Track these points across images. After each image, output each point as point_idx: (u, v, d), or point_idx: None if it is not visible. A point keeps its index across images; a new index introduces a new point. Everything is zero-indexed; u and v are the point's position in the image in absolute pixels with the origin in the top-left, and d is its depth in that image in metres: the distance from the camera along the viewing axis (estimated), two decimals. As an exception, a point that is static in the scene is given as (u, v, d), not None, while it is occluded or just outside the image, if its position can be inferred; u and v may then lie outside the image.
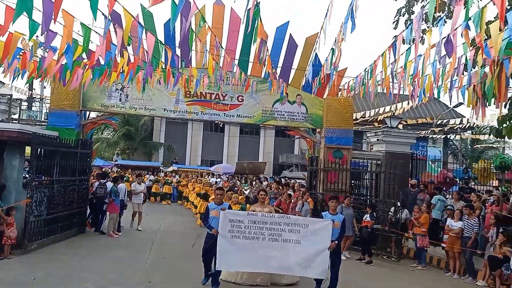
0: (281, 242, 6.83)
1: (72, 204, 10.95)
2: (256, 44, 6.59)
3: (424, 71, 7.31)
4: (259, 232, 6.83)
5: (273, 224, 6.87)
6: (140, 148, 32.42)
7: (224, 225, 6.80)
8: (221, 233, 6.79)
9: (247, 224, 6.83)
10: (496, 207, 9.87)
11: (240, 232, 6.82)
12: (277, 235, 6.84)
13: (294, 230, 6.86)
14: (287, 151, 34.83)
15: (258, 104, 12.55)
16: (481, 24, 4.89)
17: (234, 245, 6.80)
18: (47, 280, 7.17)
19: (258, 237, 6.83)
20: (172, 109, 12.27)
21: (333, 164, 12.30)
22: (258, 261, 6.84)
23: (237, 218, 6.93)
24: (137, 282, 7.47)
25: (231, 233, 6.80)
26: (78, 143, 11.32)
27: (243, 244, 6.80)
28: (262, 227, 6.84)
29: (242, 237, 6.81)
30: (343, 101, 12.50)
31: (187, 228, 13.94)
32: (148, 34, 6.07)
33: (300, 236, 6.84)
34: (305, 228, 6.87)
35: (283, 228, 6.86)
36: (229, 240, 6.79)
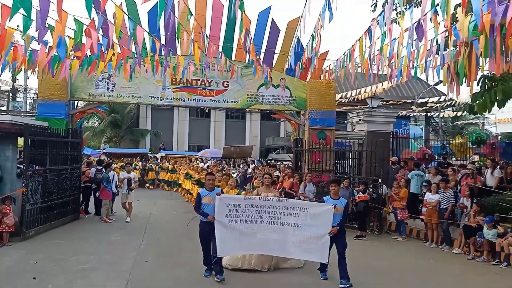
0: (279, 225, 6.69)
1: (66, 192, 11.24)
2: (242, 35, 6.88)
3: (399, 54, 7.74)
4: (257, 215, 6.69)
5: (271, 207, 6.72)
6: (127, 135, 32.55)
7: (221, 210, 6.60)
8: (218, 218, 6.59)
9: (244, 208, 6.68)
10: (471, 180, 10.50)
11: (238, 216, 6.66)
12: (275, 218, 6.70)
13: (293, 214, 6.70)
14: (273, 134, 35.29)
15: (243, 89, 12.88)
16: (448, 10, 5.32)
17: (232, 230, 6.64)
18: (46, 264, 7.52)
19: (256, 220, 6.69)
20: (159, 96, 12.54)
21: (317, 145, 12.77)
22: (258, 243, 6.74)
23: (234, 202, 6.76)
24: (134, 261, 7.87)
25: (228, 217, 6.62)
26: (68, 132, 11.56)
27: (241, 228, 6.67)
28: (260, 210, 6.70)
29: (240, 221, 6.66)
30: (326, 84, 12.91)
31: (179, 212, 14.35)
32: (137, 27, 6.33)
33: (299, 220, 6.67)
34: (305, 211, 6.69)
35: (281, 211, 6.71)
36: (227, 225, 6.62)
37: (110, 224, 11.62)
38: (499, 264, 8.41)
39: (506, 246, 8.43)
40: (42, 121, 11.20)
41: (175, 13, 6.85)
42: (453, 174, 10.94)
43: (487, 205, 9.57)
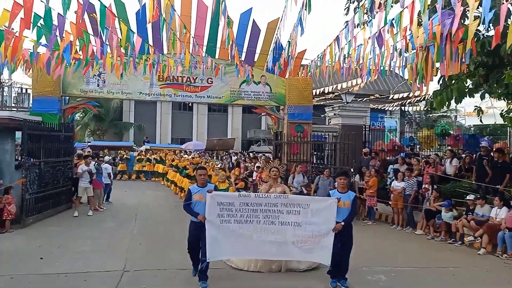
0: (278, 225, 6.04)
1: (59, 182, 11.94)
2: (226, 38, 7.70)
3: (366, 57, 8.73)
4: (253, 215, 6.04)
5: (268, 205, 6.05)
6: (111, 128, 32.98)
7: (212, 209, 5.95)
8: (209, 218, 5.93)
9: (239, 207, 6.03)
10: (432, 169, 11.65)
11: (231, 216, 6.01)
12: (273, 217, 6.05)
13: (293, 211, 6.05)
14: (254, 126, 36.20)
15: (226, 85, 13.72)
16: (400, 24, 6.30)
17: (225, 231, 6.00)
18: (49, 247, 8.28)
19: (252, 220, 6.05)
20: (147, 92, 13.28)
21: (295, 137, 13.75)
22: (253, 247, 6.09)
23: (226, 200, 6.09)
24: (128, 245, 8.69)
25: (220, 217, 5.97)
26: (61, 126, 12.22)
27: (235, 229, 6.01)
28: (256, 209, 6.04)
29: (234, 221, 6.01)
30: (303, 81, 13.85)
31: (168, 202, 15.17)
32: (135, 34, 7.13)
33: (300, 218, 6.03)
34: (306, 208, 6.03)
35: (280, 209, 6.04)
36: (219, 226, 5.97)
37: (101, 212, 12.38)
38: (454, 242, 9.55)
39: (460, 227, 9.58)
40: (36, 116, 11.82)
41: (161, 13, 7.58)
42: (417, 164, 12.07)
43: (445, 191, 10.74)
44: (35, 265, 7.06)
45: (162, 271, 6.81)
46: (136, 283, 6.25)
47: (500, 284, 6.90)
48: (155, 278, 6.48)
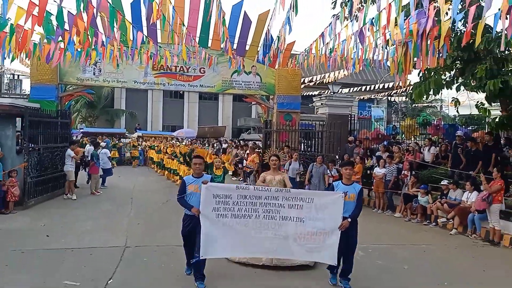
0: (279, 220, 5.53)
1: (57, 167, 12.45)
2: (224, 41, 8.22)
3: (350, 51, 9.34)
4: (252, 209, 5.53)
5: (268, 198, 5.54)
6: (102, 115, 33.30)
7: (207, 202, 5.47)
8: (204, 212, 5.46)
9: (236, 200, 5.53)
10: (412, 156, 12.41)
11: (228, 209, 5.51)
12: (274, 211, 5.53)
13: (296, 206, 5.52)
14: (245, 114, 36.76)
15: (218, 75, 14.26)
16: (379, 23, 6.93)
17: (221, 226, 5.50)
18: (53, 227, 8.86)
19: (251, 214, 5.52)
20: (142, 81, 13.78)
21: (284, 126, 14.40)
22: (251, 243, 5.57)
23: (223, 192, 5.57)
24: (127, 225, 9.31)
25: (216, 211, 5.49)
26: (58, 113, 12.69)
27: (232, 225, 5.51)
28: (255, 202, 5.53)
29: (231, 215, 5.51)
30: (292, 71, 14.46)
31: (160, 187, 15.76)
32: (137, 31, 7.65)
33: (303, 213, 5.50)
34: (309, 202, 5.49)
35: (281, 203, 5.52)
36: (214, 220, 5.49)
37: (98, 196, 12.96)
38: (429, 224, 10.36)
39: (435, 209, 10.38)
40: (35, 103, 12.27)
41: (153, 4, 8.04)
42: (398, 152, 12.82)
43: (423, 177, 11.53)
44: (43, 241, 7.64)
45: (160, 247, 7.45)
46: (137, 256, 6.89)
47: (464, 259, 7.69)
48: (154, 253, 7.12)
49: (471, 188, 9.67)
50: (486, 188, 8.82)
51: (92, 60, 10.16)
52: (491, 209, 8.77)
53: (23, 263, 6.37)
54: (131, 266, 6.39)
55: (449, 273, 6.67)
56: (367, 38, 7.88)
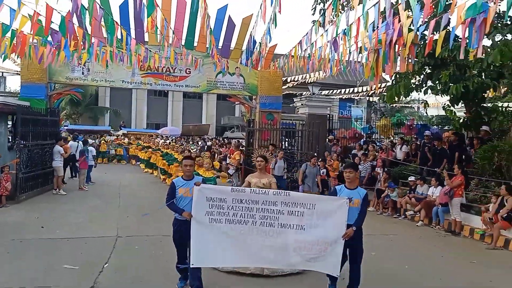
0: (277, 227, 5.10)
1: (47, 163, 12.88)
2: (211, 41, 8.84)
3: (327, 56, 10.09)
4: (248, 214, 5.11)
5: (266, 203, 5.11)
6: (86, 113, 33.45)
7: (200, 205, 5.07)
8: (196, 216, 5.05)
9: (231, 204, 5.10)
10: (385, 154, 13.27)
11: (222, 214, 5.10)
12: (272, 218, 5.11)
13: (296, 212, 5.11)
14: (228, 113, 37.34)
15: (203, 75, 14.86)
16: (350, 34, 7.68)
17: (214, 232, 5.09)
18: (46, 219, 9.35)
19: (247, 220, 5.10)
20: (129, 80, 14.28)
21: (266, 125, 15.10)
22: (247, 253, 5.15)
23: (217, 195, 5.14)
24: (117, 217, 9.87)
25: (209, 215, 5.09)
26: (47, 111, 13.11)
27: (227, 231, 5.10)
28: (251, 207, 5.11)
29: (225, 221, 5.10)
30: (274, 73, 15.13)
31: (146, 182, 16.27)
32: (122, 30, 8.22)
33: (303, 220, 5.09)
34: (311, 209, 5.07)
35: (280, 209, 5.11)
36: (207, 225, 5.09)
37: (86, 191, 13.44)
38: (399, 216, 11.21)
39: (404, 203, 11.23)
40: (25, 101, 12.67)
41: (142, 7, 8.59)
42: (373, 150, 13.67)
43: (394, 174, 12.38)
44: (38, 232, 8.17)
45: (150, 237, 8.06)
46: (129, 245, 7.50)
47: (426, 247, 8.51)
48: (145, 242, 7.74)
49: (436, 184, 10.53)
50: (448, 183, 9.69)
51: (83, 61, 10.69)
52: (452, 203, 9.64)
53: (23, 251, 6.91)
54: (124, 253, 7.00)
55: (411, 258, 7.48)
56: (340, 46, 8.63)
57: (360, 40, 8.56)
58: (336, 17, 8.14)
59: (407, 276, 6.55)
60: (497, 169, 9.91)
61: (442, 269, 7.01)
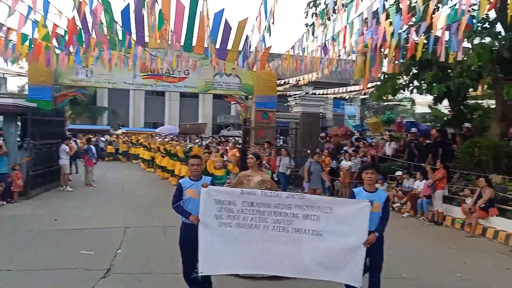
0: (292, 232, 4.73)
1: (54, 161, 13.54)
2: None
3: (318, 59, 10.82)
4: (260, 218, 4.78)
5: (279, 206, 4.76)
6: (85, 112, 34.01)
7: (208, 208, 4.77)
8: (204, 220, 4.74)
9: (241, 207, 4.79)
10: (374, 150, 14.01)
11: (232, 218, 4.79)
12: (286, 222, 4.75)
13: (312, 216, 4.71)
14: (224, 112, 38.03)
15: (201, 76, 15.51)
16: (339, 40, 8.40)
17: (224, 237, 4.77)
18: (57, 213, 10.03)
19: (258, 225, 4.77)
20: (131, 82, 14.93)
21: (261, 123, 15.82)
22: (260, 259, 4.79)
23: (226, 198, 4.84)
24: (123, 211, 10.55)
25: (218, 219, 4.78)
26: (53, 112, 13.75)
27: (237, 236, 4.77)
28: (263, 211, 4.77)
29: (235, 225, 4.78)
30: (268, 74, 15.84)
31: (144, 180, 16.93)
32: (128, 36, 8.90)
33: (320, 225, 4.70)
34: (329, 213, 4.67)
35: (294, 212, 4.73)
36: (216, 229, 4.77)
37: (91, 188, 14.11)
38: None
39: (391, 196, 11.97)
40: (32, 103, 13.29)
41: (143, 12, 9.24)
42: (363, 146, 14.41)
43: (383, 169, 13.11)
44: (52, 224, 8.85)
45: (156, 227, 8.71)
46: (138, 234, 8.19)
47: (409, 235, 9.26)
48: (152, 231, 8.42)
49: (421, 177, 11.29)
50: (431, 177, 10.45)
51: (89, 64, 11.35)
52: (435, 195, 10.41)
53: (41, 240, 7.59)
54: (134, 241, 7.71)
55: (394, 245, 8.13)
56: (330, 50, 9.37)
57: (348, 45, 9.30)
58: (324, 27, 8.87)
59: (387, 259, 7.27)
60: (477, 163, 10.64)
61: (421, 253, 7.77)
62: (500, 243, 8.68)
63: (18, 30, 6.57)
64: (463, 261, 7.31)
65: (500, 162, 10.40)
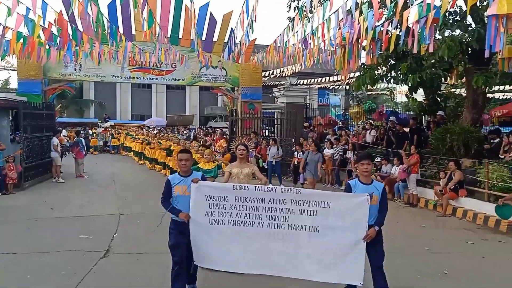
0: (288, 229, 4.51)
1: (45, 154, 13.90)
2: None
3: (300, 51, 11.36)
4: (254, 214, 4.56)
5: (274, 202, 4.52)
6: (72, 105, 34.08)
7: (199, 205, 4.59)
8: (195, 217, 4.57)
9: (234, 203, 4.58)
10: (355, 138, 14.69)
11: (224, 214, 4.59)
12: (281, 218, 4.52)
13: (308, 211, 4.48)
14: (211, 103, 38.43)
15: (188, 69, 15.98)
16: (317, 34, 8.96)
17: (216, 235, 4.61)
18: (53, 203, 10.44)
19: (252, 222, 4.56)
20: (119, 75, 15.32)
21: (247, 114, 16.36)
22: (254, 257, 4.60)
23: (217, 193, 4.63)
24: (116, 199, 11.04)
25: (210, 216, 4.60)
26: (43, 106, 14.08)
27: (230, 233, 4.60)
28: (257, 206, 4.55)
29: (228, 222, 4.59)
30: (253, 66, 16.36)
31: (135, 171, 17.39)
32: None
33: (317, 220, 4.46)
34: (326, 207, 4.43)
35: (290, 208, 4.50)
36: (208, 227, 4.60)
37: (84, 179, 14.53)
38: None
39: (371, 181, 12.67)
40: (22, 97, 13.62)
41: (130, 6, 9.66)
42: (345, 135, 15.08)
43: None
44: (49, 213, 9.31)
45: (149, 214, 9.23)
46: (132, 220, 8.72)
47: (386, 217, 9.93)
48: (145, 217, 8.94)
49: (398, 163, 11.98)
50: (405, 161, 11.15)
51: (79, 59, 11.73)
52: (410, 178, 11.12)
53: (40, 227, 8.07)
54: (128, 226, 8.23)
55: (371, 224, 8.89)
56: (310, 44, 9.92)
57: (327, 39, 9.87)
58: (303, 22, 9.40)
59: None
60: (449, 148, 11.37)
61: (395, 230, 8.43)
62: (468, 221, 9.43)
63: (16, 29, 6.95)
64: (432, 237, 8.01)
65: (470, 147, 11.14)
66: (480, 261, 6.70)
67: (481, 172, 9.90)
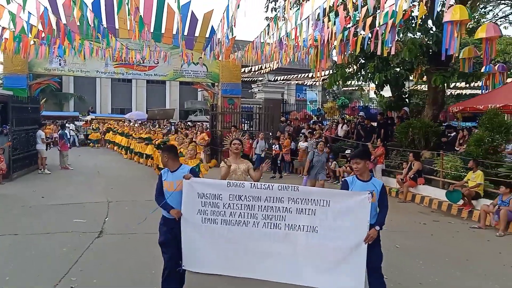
0: (284, 229, 4.26)
1: (31, 146, 14.41)
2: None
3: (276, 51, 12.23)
4: (248, 213, 4.31)
5: (270, 200, 4.27)
6: (51, 99, 34.04)
7: (191, 202, 4.37)
8: (186, 215, 4.37)
9: (228, 201, 4.33)
10: (328, 132, 15.70)
11: (218, 213, 4.35)
12: (278, 218, 4.27)
13: (306, 210, 4.21)
14: (191, 98, 38.96)
15: (170, 65, 16.63)
16: (291, 37, 9.84)
17: (208, 235, 4.38)
18: (43, 192, 11.04)
19: (247, 221, 4.32)
20: (103, 70, 15.87)
21: (227, 109, 17.16)
22: (248, 261, 4.36)
23: (211, 191, 4.38)
24: (102, 189, 11.70)
25: (202, 215, 4.37)
26: (29, 99, 14.55)
27: (223, 234, 4.36)
28: (252, 205, 4.30)
29: (221, 221, 4.35)
30: (233, 63, 17.14)
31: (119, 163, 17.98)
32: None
33: (316, 220, 4.19)
34: (325, 206, 4.16)
35: (287, 206, 4.24)
36: (200, 226, 4.38)
37: (69, 170, 15.09)
38: (338, 183, 13.69)
39: (341, 172, 13.70)
40: (8, 91, 14.05)
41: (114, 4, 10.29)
42: (318, 129, 16.07)
43: (335, 149, 14.83)
44: (40, 201, 9.94)
45: (136, 201, 9.97)
46: (121, 206, 9.46)
47: (353, 202, 10.95)
48: (133, 204, 9.68)
49: (366, 155, 13.03)
50: (372, 153, 12.20)
51: (67, 54, 12.31)
52: (376, 169, 12.18)
53: (34, 213, 8.72)
54: (118, 212, 8.97)
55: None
56: (284, 45, 10.81)
57: (300, 41, 10.77)
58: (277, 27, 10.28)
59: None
60: (411, 141, 12.48)
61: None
62: (424, 206, 10.55)
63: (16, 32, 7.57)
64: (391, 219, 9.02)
65: (429, 140, 12.27)
66: (428, 238, 7.77)
67: (438, 163, 11.02)
